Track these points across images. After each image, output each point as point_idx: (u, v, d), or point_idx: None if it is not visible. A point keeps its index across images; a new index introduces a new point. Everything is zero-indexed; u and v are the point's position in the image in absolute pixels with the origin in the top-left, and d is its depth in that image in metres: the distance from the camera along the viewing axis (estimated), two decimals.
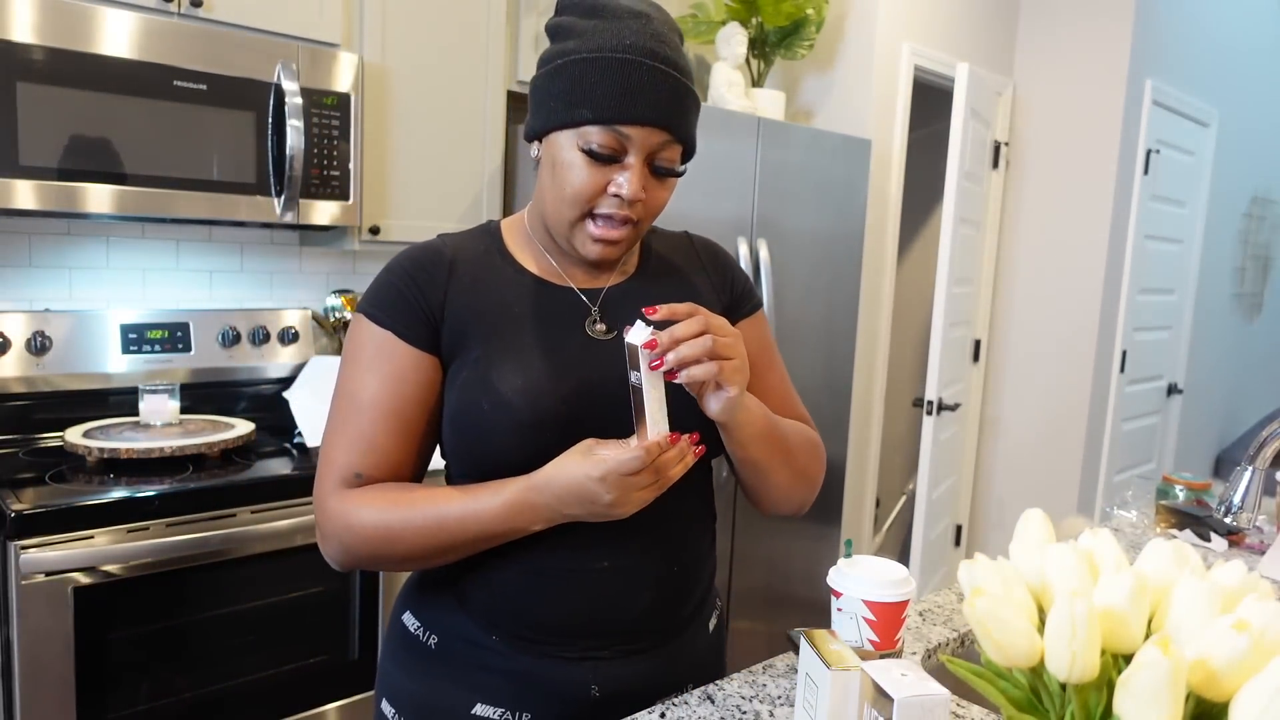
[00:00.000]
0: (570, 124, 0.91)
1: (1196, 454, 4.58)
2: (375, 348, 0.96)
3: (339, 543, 0.94)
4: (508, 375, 0.94)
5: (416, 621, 1.03)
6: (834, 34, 2.98)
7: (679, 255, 1.12)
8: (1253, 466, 1.27)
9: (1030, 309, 3.55)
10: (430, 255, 1.00)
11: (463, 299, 0.98)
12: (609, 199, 0.93)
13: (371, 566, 0.97)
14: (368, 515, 0.93)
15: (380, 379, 0.95)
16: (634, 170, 0.92)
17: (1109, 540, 0.69)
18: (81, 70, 1.71)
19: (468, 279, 0.99)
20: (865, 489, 3.18)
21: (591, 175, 0.91)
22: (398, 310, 0.96)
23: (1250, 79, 4.30)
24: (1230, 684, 0.57)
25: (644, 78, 0.90)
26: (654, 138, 0.92)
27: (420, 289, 0.97)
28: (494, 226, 1.07)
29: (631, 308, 0.98)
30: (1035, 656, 0.63)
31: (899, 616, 0.97)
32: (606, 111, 0.89)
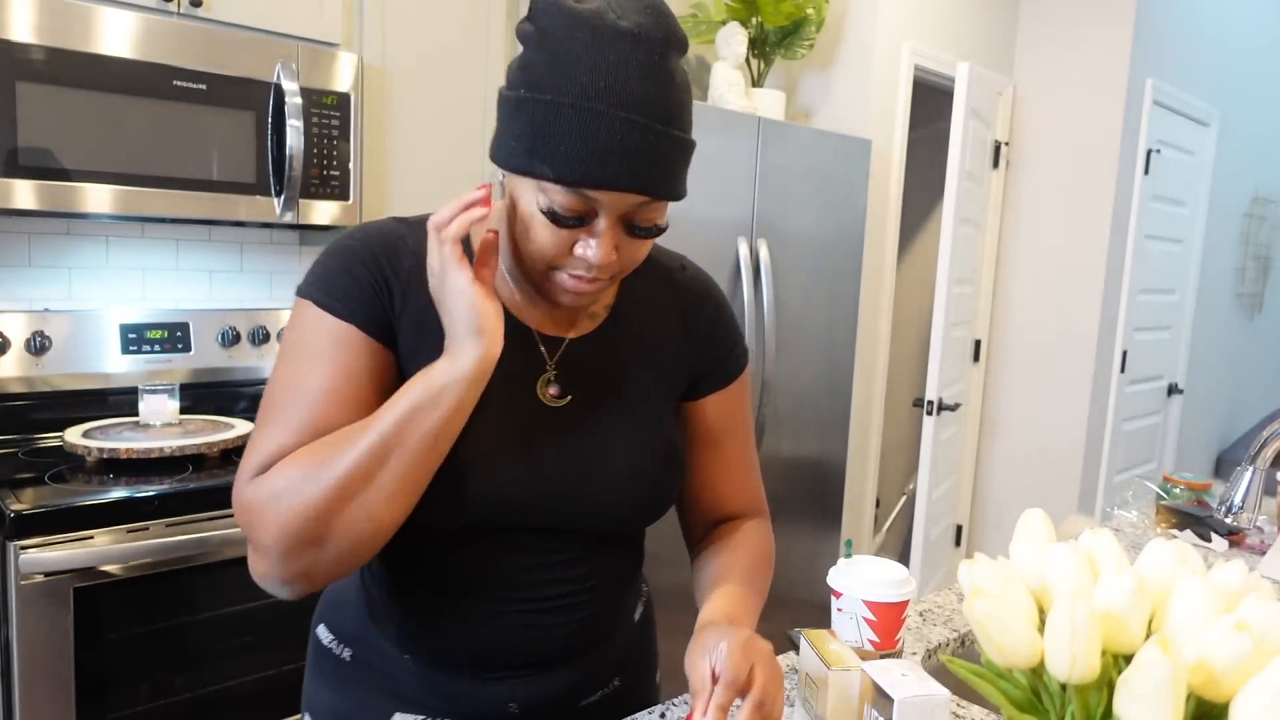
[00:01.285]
0: (527, 174, 0.77)
1: (1197, 454, 4.57)
2: (330, 339, 0.82)
3: (269, 524, 0.75)
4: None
5: (331, 635, 0.98)
6: (834, 34, 2.98)
7: (662, 294, 0.98)
8: (1253, 466, 1.27)
9: (1030, 309, 3.55)
10: (393, 240, 0.86)
11: (414, 319, 0.85)
12: (575, 260, 0.80)
13: (329, 539, 0.76)
14: (293, 469, 0.76)
15: (334, 368, 0.81)
16: (604, 235, 0.78)
17: (1109, 540, 0.69)
18: (81, 70, 1.70)
19: (424, 297, 0.83)
20: (865, 489, 3.18)
21: (554, 236, 0.78)
22: (355, 298, 0.83)
23: (1251, 79, 4.30)
24: (1231, 684, 0.57)
25: (619, 135, 0.74)
26: (629, 200, 0.77)
27: (383, 277, 0.84)
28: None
29: (596, 371, 0.90)
30: (1035, 657, 0.63)
31: (899, 617, 0.97)
32: (570, 173, 0.74)
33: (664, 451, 0.93)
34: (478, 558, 0.87)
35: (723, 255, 2.34)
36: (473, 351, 0.77)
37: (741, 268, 2.36)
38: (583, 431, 0.88)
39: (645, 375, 0.94)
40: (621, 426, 0.90)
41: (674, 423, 0.97)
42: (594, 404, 0.90)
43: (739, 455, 1.04)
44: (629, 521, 0.92)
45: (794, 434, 2.61)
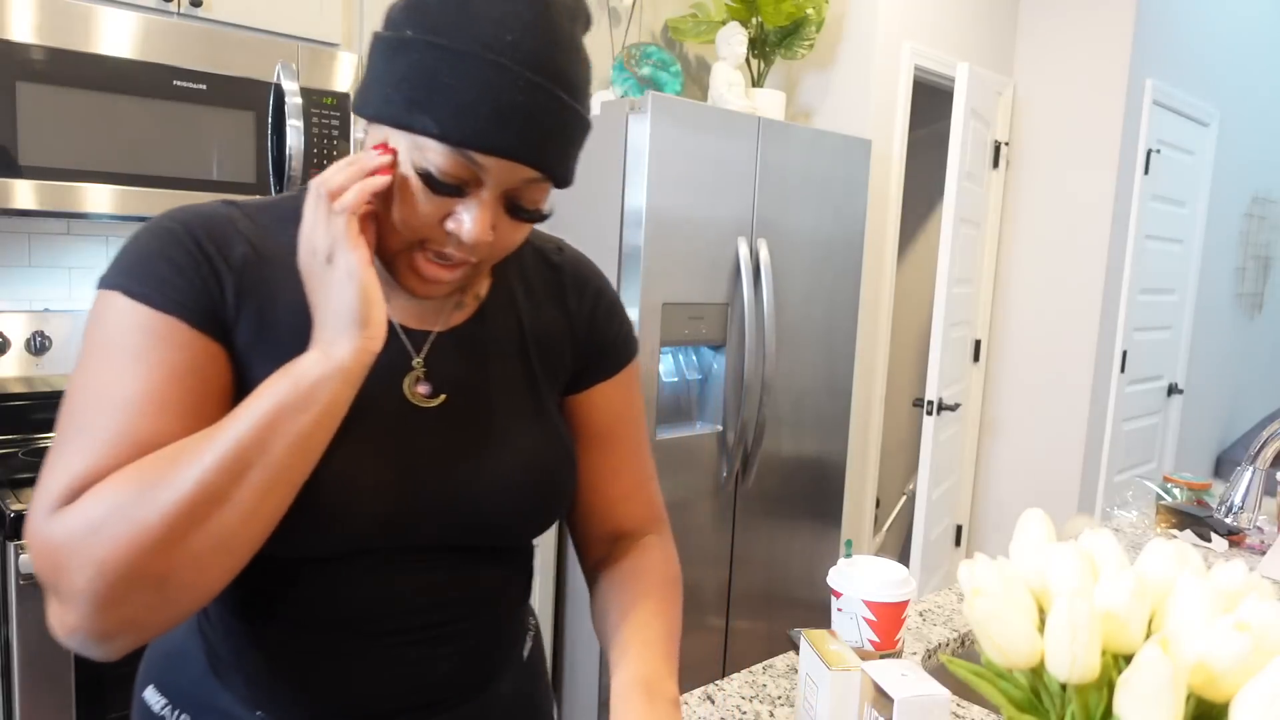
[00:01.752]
0: (405, 128, 0.66)
1: (1197, 454, 4.58)
2: (146, 334, 0.67)
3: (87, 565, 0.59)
4: None
5: (162, 698, 0.81)
6: (834, 34, 2.98)
7: (540, 279, 0.88)
8: (1253, 466, 1.27)
9: (1030, 309, 3.55)
10: (221, 224, 0.73)
11: (258, 301, 0.72)
12: (443, 235, 0.70)
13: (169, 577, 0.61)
14: (116, 494, 0.60)
15: (154, 368, 0.66)
16: (483, 207, 0.68)
17: (1109, 540, 0.69)
18: (81, 70, 1.71)
19: (265, 274, 0.72)
20: (865, 489, 3.18)
21: (425, 204, 0.68)
22: (177, 286, 0.68)
23: (1251, 79, 4.30)
24: (1231, 684, 0.57)
25: (523, 97, 0.65)
26: (519, 173, 0.68)
27: (209, 262, 0.70)
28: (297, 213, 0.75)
29: (470, 366, 0.80)
30: (1035, 657, 0.63)
31: (899, 616, 0.97)
32: (459, 130, 0.65)
33: (552, 449, 0.83)
34: (342, 585, 0.74)
35: (723, 255, 2.34)
36: (352, 344, 0.65)
37: (741, 268, 2.36)
38: (459, 433, 0.78)
39: (526, 368, 0.84)
40: (503, 425, 0.80)
41: (562, 420, 0.88)
42: (470, 402, 0.79)
43: (632, 456, 0.93)
44: (516, 530, 0.82)
45: (794, 434, 2.61)
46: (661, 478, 2.37)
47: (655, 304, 2.19)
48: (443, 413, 0.78)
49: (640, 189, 2.15)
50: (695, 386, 2.45)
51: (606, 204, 2.23)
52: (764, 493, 2.55)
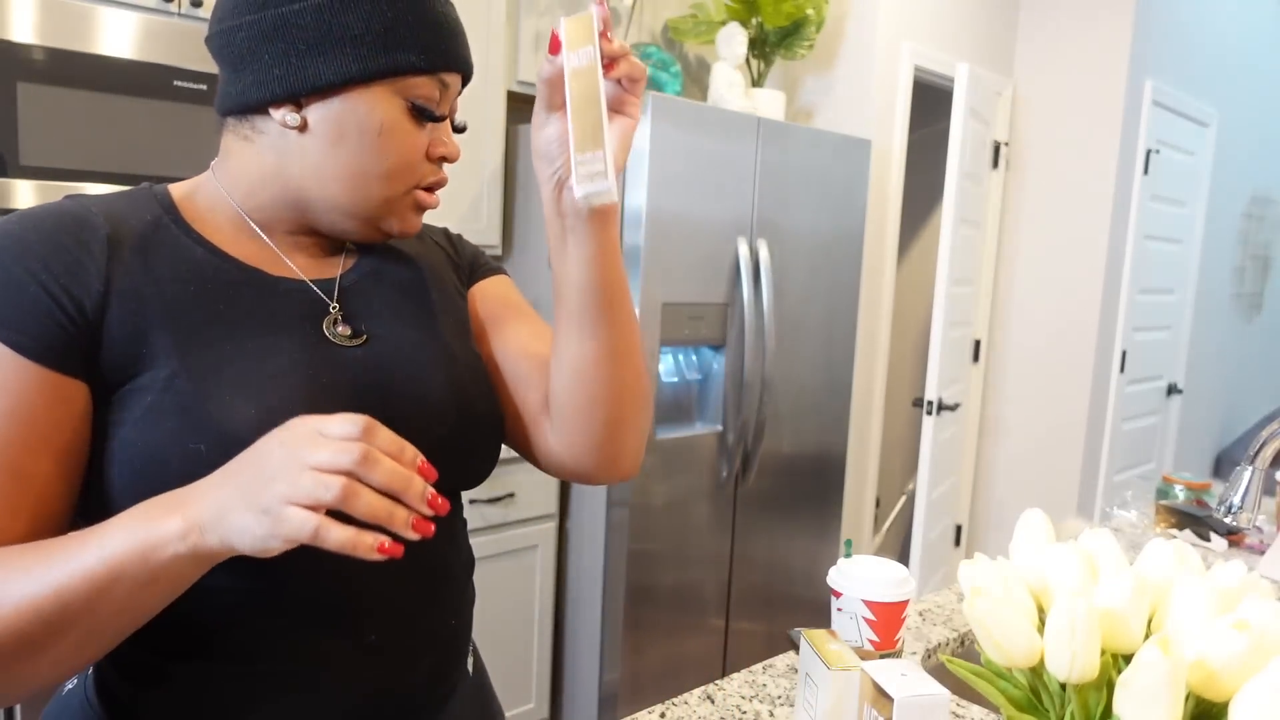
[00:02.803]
0: (390, 72, 0.70)
1: (1196, 454, 4.58)
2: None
3: None
4: (232, 402, 0.65)
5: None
6: (834, 34, 2.98)
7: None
8: (1252, 466, 1.27)
9: (1030, 309, 3.55)
10: (74, 223, 0.67)
11: (133, 289, 0.66)
12: (429, 166, 0.76)
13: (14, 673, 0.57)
14: None
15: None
16: (449, 128, 0.78)
17: (1109, 540, 0.69)
18: (81, 70, 1.71)
19: (136, 260, 0.68)
20: (865, 489, 3.19)
21: (419, 140, 0.74)
22: (18, 310, 0.62)
23: (1250, 79, 4.31)
24: (1230, 684, 0.57)
25: (444, 10, 0.74)
26: (457, 85, 0.77)
27: (60, 276, 0.63)
28: (161, 193, 0.77)
29: (374, 303, 0.79)
30: (1035, 656, 0.63)
31: (899, 616, 0.97)
32: (433, 55, 0.72)
33: (478, 368, 0.83)
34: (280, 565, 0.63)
35: (723, 255, 2.34)
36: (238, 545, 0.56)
37: (741, 268, 2.36)
38: (391, 367, 0.76)
39: (426, 297, 0.83)
40: (428, 353, 0.78)
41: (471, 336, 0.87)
42: (391, 336, 0.78)
43: (537, 322, 0.90)
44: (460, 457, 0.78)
45: (794, 433, 2.61)
46: (661, 478, 2.38)
47: (655, 304, 2.19)
48: (369, 349, 0.76)
49: (640, 189, 2.15)
50: (695, 386, 2.45)
51: None
52: (764, 493, 2.55)
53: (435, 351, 0.79)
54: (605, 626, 2.28)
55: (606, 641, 2.29)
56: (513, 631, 2.29)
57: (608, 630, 2.28)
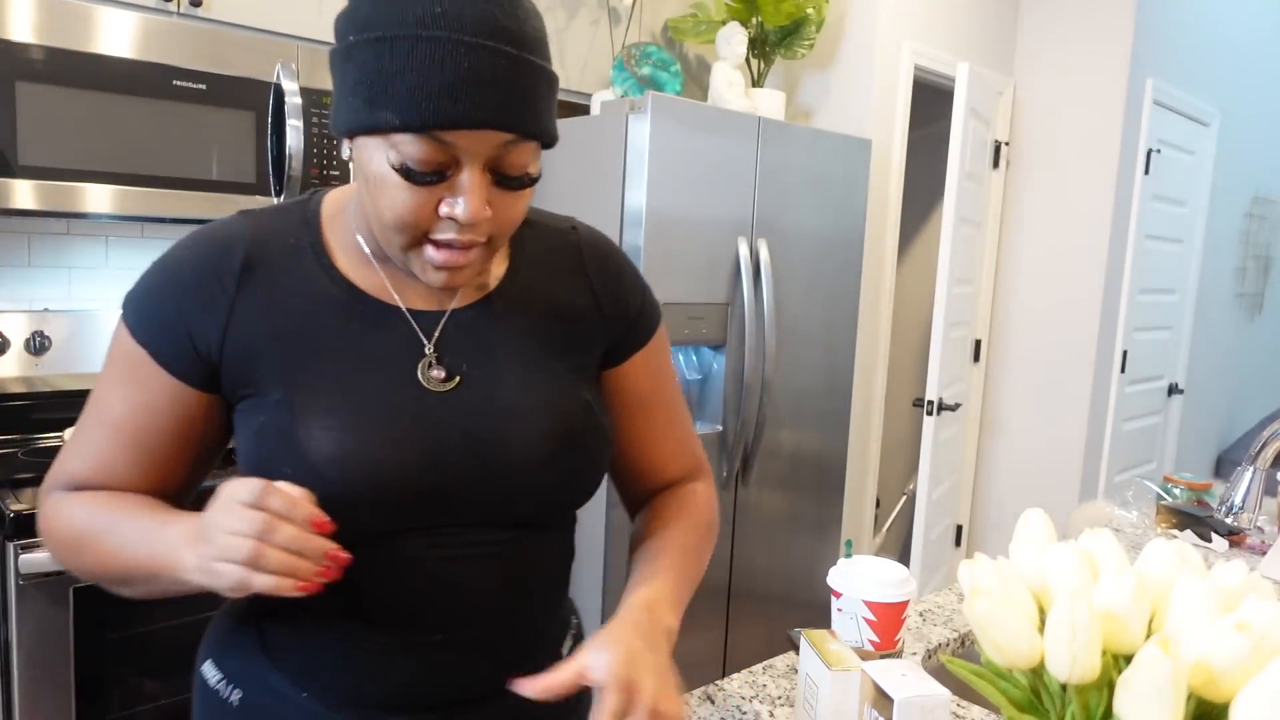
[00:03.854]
0: (370, 129, 0.67)
1: (1197, 454, 4.57)
2: (128, 364, 0.77)
3: (46, 541, 0.81)
4: (317, 435, 0.72)
5: (218, 673, 0.85)
6: (834, 34, 2.98)
7: (558, 261, 0.88)
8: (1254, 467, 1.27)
9: (1031, 309, 3.55)
10: (220, 251, 0.76)
11: (256, 316, 0.75)
12: (443, 223, 0.70)
13: (80, 574, 0.81)
14: (68, 512, 0.78)
15: (128, 402, 0.77)
16: (470, 186, 0.68)
17: (1109, 540, 0.69)
18: (81, 70, 1.70)
19: (265, 291, 0.76)
20: (865, 489, 3.18)
21: (413, 198, 0.68)
22: (160, 327, 0.76)
23: (1251, 78, 4.30)
24: (1231, 684, 0.57)
25: (466, 63, 0.64)
26: (492, 140, 0.67)
27: (194, 307, 0.75)
28: (314, 208, 0.80)
29: (481, 343, 0.80)
30: (1035, 657, 0.63)
31: (899, 617, 0.97)
32: (417, 115, 0.64)
33: (579, 420, 0.82)
34: (382, 571, 0.76)
35: (723, 255, 2.34)
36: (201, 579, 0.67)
37: (741, 268, 2.36)
38: (478, 413, 0.78)
39: (546, 342, 0.83)
40: (524, 401, 0.79)
41: (595, 390, 0.88)
42: (488, 381, 0.79)
43: (671, 417, 0.95)
44: (548, 504, 0.83)
45: (794, 434, 2.61)
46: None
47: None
48: (459, 394, 0.78)
49: (640, 189, 2.15)
50: (695, 386, 2.45)
51: (606, 204, 2.23)
52: (764, 493, 2.55)
53: (537, 398, 0.80)
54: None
55: None
56: None
57: None
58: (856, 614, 0.96)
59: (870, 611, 0.96)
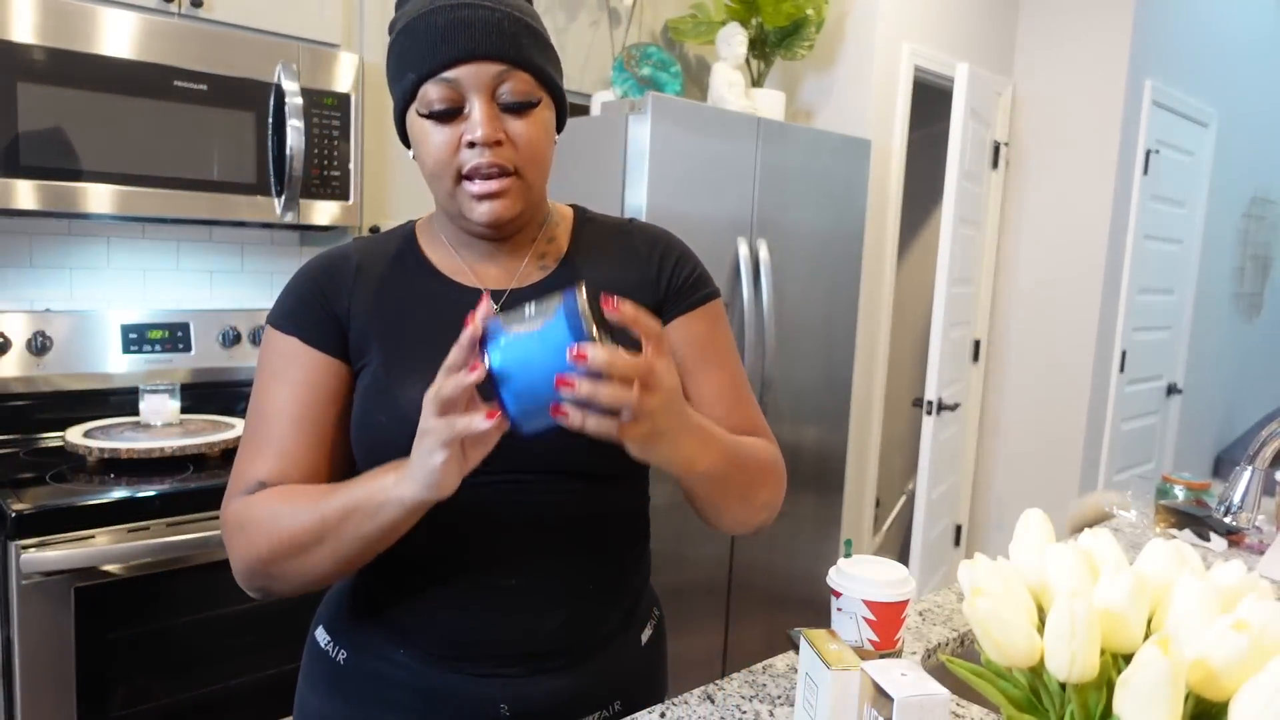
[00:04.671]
0: (408, 98, 0.86)
1: (1196, 454, 4.58)
2: (283, 357, 0.90)
3: (235, 550, 0.86)
4: (407, 387, 0.85)
5: (328, 636, 0.97)
6: (834, 34, 2.98)
7: (614, 246, 1.00)
8: (1252, 466, 1.27)
9: (1030, 309, 3.55)
10: (336, 261, 0.95)
11: (367, 303, 0.92)
12: (467, 153, 0.85)
13: (277, 577, 0.85)
14: (260, 510, 0.84)
15: (289, 386, 0.89)
16: (479, 112, 0.84)
17: (1109, 540, 0.69)
18: (82, 70, 1.71)
19: (373, 282, 0.93)
20: (865, 489, 3.19)
21: (441, 135, 0.85)
22: (302, 316, 0.91)
23: (1250, 79, 4.31)
24: (1230, 684, 0.57)
25: (456, 17, 0.84)
26: (486, 72, 0.84)
27: (325, 294, 0.92)
28: (409, 227, 1.00)
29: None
30: (1035, 656, 0.63)
31: (899, 616, 0.97)
32: (426, 63, 0.84)
33: None
34: (465, 515, 0.86)
35: (723, 255, 2.34)
36: (418, 492, 0.75)
37: (741, 268, 2.36)
38: None
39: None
40: None
41: None
42: None
43: (727, 384, 0.99)
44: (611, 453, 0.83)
45: (794, 434, 2.61)
46: (661, 478, 2.37)
47: None
48: None
49: (640, 189, 2.15)
50: None
51: (606, 204, 2.23)
52: None
53: None
54: None
55: None
56: None
57: None
58: (856, 613, 0.96)
59: (870, 611, 0.96)
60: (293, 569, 0.83)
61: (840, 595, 0.98)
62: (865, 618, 0.96)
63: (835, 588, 0.98)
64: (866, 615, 0.96)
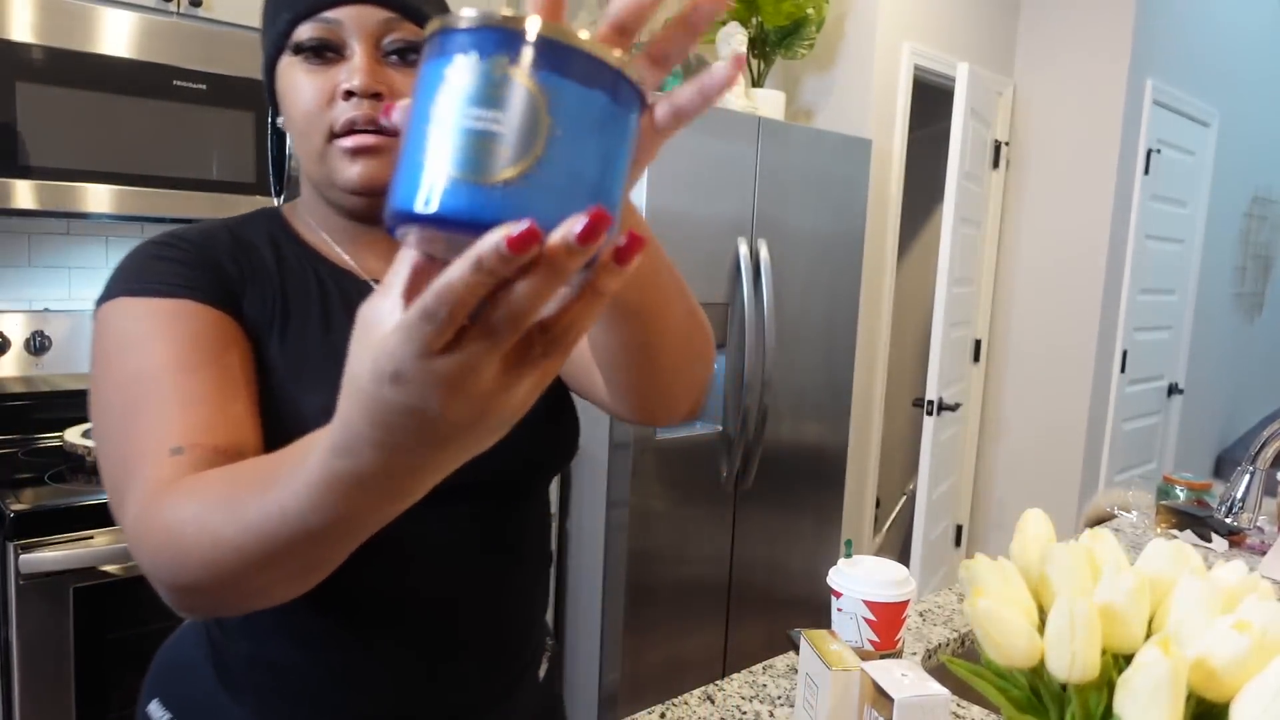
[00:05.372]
0: (280, 43, 0.75)
1: (1197, 454, 4.58)
2: (159, 316, 0.69)
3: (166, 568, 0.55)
4: (309, 390, 0.73)
5: (166, 713, 0.80)
6: (834, 34, 2.98)
7: None
8: (1253, 466, 1.27)
9: (1031, 309, 3.55)
10: (207, 230, 0.79)
11: (255, 279, 0.76)
12: (343, 105, 0.73)
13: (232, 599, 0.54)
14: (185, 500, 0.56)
15: (173, 342, 0.68)
16: (359, 58, 0.73)
17: (1109, 540, 0.69)
18: (81, 70, 1.71)
19: (256, 260, 0.78)
20: (865, 489, 3.18)
21: (314, 84, 0.73)
22: (181, 276, 0.72)
23: (1251, 79, 4.31)
24: (1231, 684, 0.57)
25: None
26: (372, 16, 0.73)
27: (208, 256, 0.75)
28: (273, 212, 0.85)
29: None
30: (1035, 656, 0.63)
31: (899, 617, 0.97)
32: (304, 2, 0.73)
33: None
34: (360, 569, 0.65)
35: (723, 255, 2.34)
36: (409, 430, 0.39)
37: (741, 268, 2.36)
38: None
39: None
40: None
41: None
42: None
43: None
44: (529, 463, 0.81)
45: (794, 434, 2.61)
46: (661, 478, 2.38)
47: None
48: None
49: (640, 188, 2.15)
50: None
51: None
52: (764, 492, 2.55)
53: None
54: (605, 626, 2.28)
55: (606, 641, 2.28)
56: None
57: (608, 630, 2.28)
58: (856, 614, 0.96)
59: (870, 611, 0.96)
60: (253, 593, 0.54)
61: (841, 595, 0.98)
62: (866, 618, 0.96)
63: (835, 588, 0.98)
64: (867, 615, 0.96)
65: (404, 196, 0.36)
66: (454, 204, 0.35)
